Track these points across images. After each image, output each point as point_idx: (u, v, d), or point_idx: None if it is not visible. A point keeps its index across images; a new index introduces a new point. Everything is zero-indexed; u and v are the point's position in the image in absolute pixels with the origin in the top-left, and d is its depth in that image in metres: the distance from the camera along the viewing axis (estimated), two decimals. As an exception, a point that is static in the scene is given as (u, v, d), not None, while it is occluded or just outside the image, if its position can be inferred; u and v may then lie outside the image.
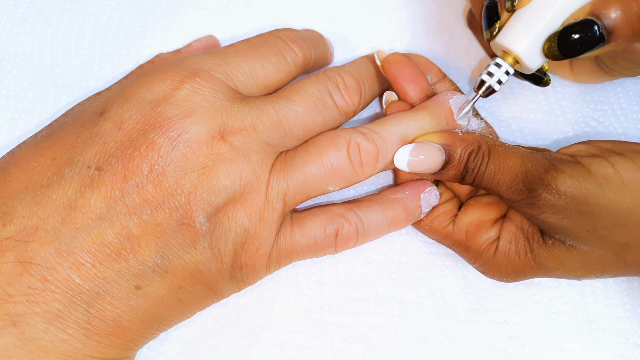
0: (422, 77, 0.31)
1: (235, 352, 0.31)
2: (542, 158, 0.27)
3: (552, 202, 0.26)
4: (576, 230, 0.26)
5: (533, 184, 0.26)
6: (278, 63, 0.30)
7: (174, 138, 0.25)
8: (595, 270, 0.28)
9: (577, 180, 0.26)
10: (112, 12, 0.38)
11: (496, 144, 0.28)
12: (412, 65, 0.31)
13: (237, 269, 0.28)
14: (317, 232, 0.29)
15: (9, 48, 0.37)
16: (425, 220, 0.31)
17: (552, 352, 0.31)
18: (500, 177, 0.27)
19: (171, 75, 0.27)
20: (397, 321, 0.32)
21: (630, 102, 0.36)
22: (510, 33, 0.28)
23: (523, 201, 0.27)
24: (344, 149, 0.28)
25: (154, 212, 0.25)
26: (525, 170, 0.27)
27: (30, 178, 0.25)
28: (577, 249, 0.27)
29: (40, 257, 0.23)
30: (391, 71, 0.31)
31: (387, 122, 0.30)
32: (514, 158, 0.27)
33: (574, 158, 0.27)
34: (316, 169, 0.28)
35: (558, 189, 0.26)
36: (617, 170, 0.26)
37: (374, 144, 0.28)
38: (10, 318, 0.23)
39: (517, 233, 0.29)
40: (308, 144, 0.29)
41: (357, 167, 0.29)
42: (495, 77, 0.29)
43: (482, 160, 0.28)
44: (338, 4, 0.38)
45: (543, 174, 0.26)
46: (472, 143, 0.28)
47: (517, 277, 0.29)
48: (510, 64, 0.29)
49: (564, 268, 0.28)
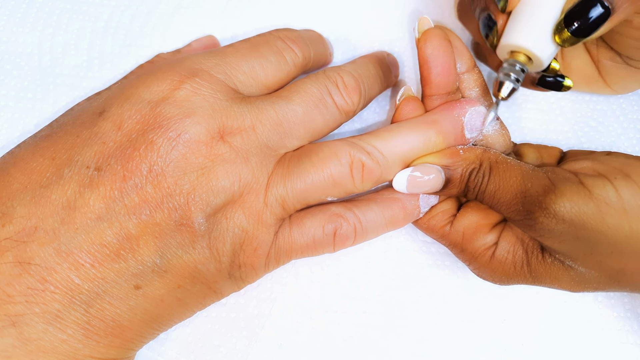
0: (453, 72, 0.30)
1: (235, 352, 0.31)
2: (544, 177, 0.26)
3: (550, 226, 0.25)
4: (574, 254, 0.26)
5: (531, 206, 0.26)
6: (278, 63, 0.30)
7: (173, 138, 0.25)
8: (588, 288, 0.28)
9: (577, 204, 0.25)
10: (112, 12, 0.38)
11: (498, 160, 0.28)
12: (449, 54, 0.29)
13: (235, 269, 0.28)
14: (315, 231, 0.29)
15: (9, 48, 0.37)
16: (423, 219, 0.31)
17: (552, 352, 0.31)
18: (500, 196, 0.27)
19: (170, 75, 0.27)
20: (397, 321, 0.32)
21: (630, 102, 0.36)
22: (515, 31, 0.27)
23: (522, 222, 0.26)
24: (347, 164, 0.28)
25: (153, 212, 0.25)
26: (524, 190, 0.26)
27: (30, 178, 0.25)
28: (575, 269, 0.27)
29: (40, 258, 0.23)
30: (426, 52, 0.29)
31: (392, 140, 0.29)
32: (514, 177, 0.27)
33: (578, 177, 0.26)
34: (317, 179, 0.28)
35: (556, 213, 0.25)
36: (620, 196, 0.25)
37: (378, 165, 0.28)
38: (9, 318, 0.23)
39: (516, 244, 0.29)
40: (311, 153, 0.29)
41: (358, 183, 0.29)
42: (513, 76, 0.28)
43: (482, 179, 0.27)
44: (338, 4, 0.38)
45: (542, 195, 0.25)
46: (474, 161, 0.28)
47: (509, 283, 0.29)
48: (524, 62, 0.28)
49: (559, 284, 0.28)
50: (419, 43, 0.29)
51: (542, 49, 0.27)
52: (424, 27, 0.29)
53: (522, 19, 0.27)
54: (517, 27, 0.27)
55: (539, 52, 0.27)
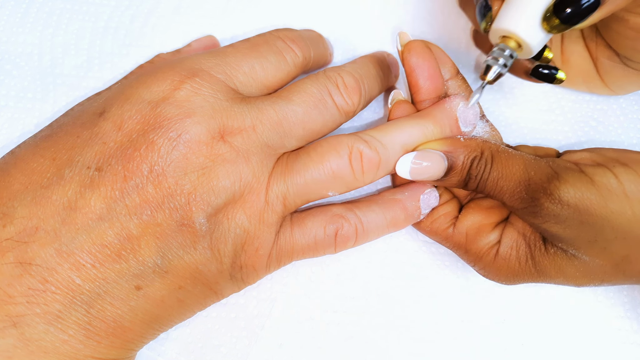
0: (439, 75, 0.31)
1: (235, 352, 0.31)
2: (546, 166, 0.27)
3: (555, 211, 0.26)
4: (578, 241, 0.26)
5: (536, 193, 0.26)
6: (278, 63, 0.30)
7: (173, 138, 0.25)
8: (594, 279, 0.28)
9: (580, 190, 0.25)
10: (112, 12, 0.38)
11: (499, 149, 0.28)
12: (433, 60, 0.30)
13: (236, 269, 0.28)
14: (317, 232, 0.29)
15: (9, 48, 0.37)
16: (426, 222, 0.31)
17: (552, 352, 0.31)
18: (503, 184, 0.27)
19: (171, 76, 0.27)
20: (397, 321, 0.32)
21: (630, 102, 0.36)
22: (506, 16, 0.27)
23: (526, 209, 0.27)
24: (346, 156, 0.28)
25: (154, 212, 0.25)
26: (528, 178, 0.26)
27: (30, 179, 0.25)
28: (579, 258, 0.27)
29: (41, 258, 0.23)
30: (411, 60, 0.30)
31: (389, 130, 0.30)
32: (517, 165, 0.27)
33: (578, 166, 0.27)
34: (317, 174, 0.28)
35: (561, 199, 0.25)
36: (621, 182, 0.26)
37: (376, 152, 0.29)
38: (10, 319, 0.23)
39: (519, 239, 0.29)
40: (310, 149, 0.29)
41: (358, 175, 0.29)
42: (501, 61, 0.28)
43: (484, 167, 0.28)
44: (338, 4, 0.38)
45: (546, 182, 0.26)
46: (475, 149, 0.28)
47: (516, 281, 0.29)
48: (514, 48, 0.28)
49: (564, 276, 0.28)
50: (403, 54, 0.31)
51: (532, 35, 0.27)
52: (405, 40, 0.31)
53: (514, 4, 0.27)
54: (509, 12, 0.27)
55: (528, 38, 0.27)
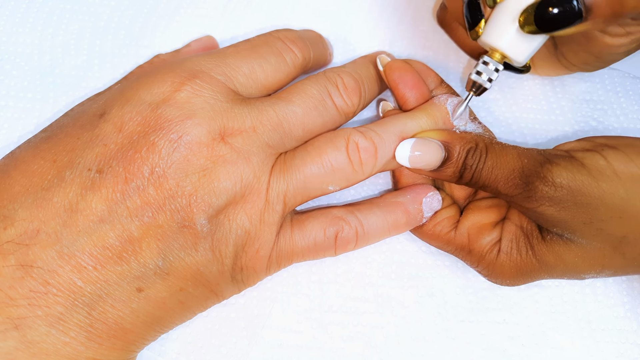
0: (423, 83, 0.32)
1: (235, 352, 0.31)
2: (538, 154, 0.28)
3: (549, 194, 0.26)
4: (573, 223, 0.27)
5: (530, 178, 0.27)
6: (277, 64, 0.30)
7: (174, 140, 0.25)
8: (595, 265, 0.28)
9: (572, 172, 0.26)
10: (111, 12, 0.38)
11: (493, 142, 0.29)
12: (414, 72, 0.32)
13: (237, 271, 0.28)
14: (317, 234, 0.29)
15: (9, 48, 0.36)
16: (428, 226, 0.31)
17: (552, 352, 0.32)
18: (498, 172, 0.28)
19: (171, 77, 0.27)
20: (397, 321, 0.32)
21: (630, 102, 0.36)
22: (492, 29, 0.27)
23: (520, 195, 0.27)
24: (343, 148, 0.28)
25: (155, 214, 0.25)
26: (521, 165, 0.27)
27: (31, 181, 0.25)
28: (575, 242, 0.28)
29: (42, 260, 0.23)
30: (393, 77, 0.31)
31: (385, 122, 0.30)
32: (510, 154, 0.28)
33: (568, 153, 0.28)
34: (316, 168, 0.28)
35: (554, 181, 0.26)
36: (610, 163, 0.27)
37: (372, 142, 0.29)
38: (12, 321, 0.23)
39: (517, 232, 0.30)
40: (307, 145, 0.29)
41: (357, 166, 0.29)
42: (485, 76, 0.29)
43: (480, 157, 0.28)
44: (338, 4, 0.38)
45: (539, 167, 0.27)
46: (470, 141, 0.29)
47: (520, 279, 0.30)
48: (498, 60, 0.28)
49: (564, 264, 0.28)
50: (385, 74, 0.32)
51: (518, 52, 0.28)
52: (385, 62, 0.32)
53: (502, 17, 0.27)
54: (496, 25, 0.27)
55: (514, 55, 0.28)
